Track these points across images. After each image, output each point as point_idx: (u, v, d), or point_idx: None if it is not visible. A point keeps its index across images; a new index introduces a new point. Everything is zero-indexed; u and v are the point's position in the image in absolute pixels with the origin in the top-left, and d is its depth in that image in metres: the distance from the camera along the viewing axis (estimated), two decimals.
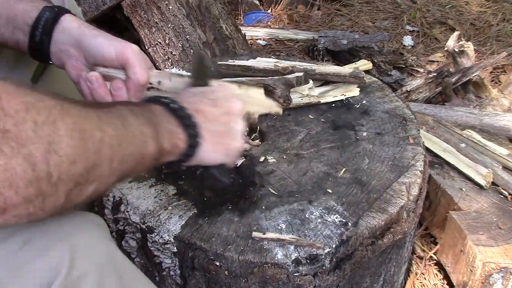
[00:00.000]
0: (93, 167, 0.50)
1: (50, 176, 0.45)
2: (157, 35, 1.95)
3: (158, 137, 0.63)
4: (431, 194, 1.50)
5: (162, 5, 1.94)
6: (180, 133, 0.68)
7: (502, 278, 1.20)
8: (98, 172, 0.51)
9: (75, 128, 0.48)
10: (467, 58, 2.10)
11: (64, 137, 0.46)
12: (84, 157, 0.49)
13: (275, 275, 0.81)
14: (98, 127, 0.52)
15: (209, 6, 2.06)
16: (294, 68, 1.24)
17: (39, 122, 0.45)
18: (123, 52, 0.79)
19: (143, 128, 0.60)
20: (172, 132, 0.66)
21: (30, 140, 0.44)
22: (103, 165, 0.52)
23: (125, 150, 0.56)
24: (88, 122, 0.51)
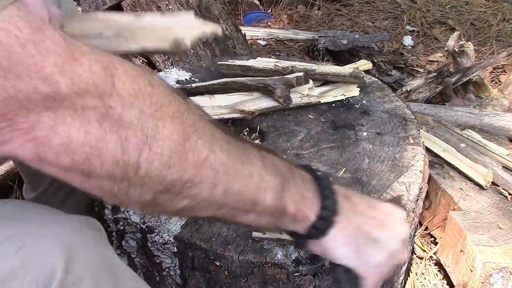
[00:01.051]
0: (189, 181, 0.48)
1: (138, 167, 0.45)
2: None
3: (283, 193, 0.55)
4: (431, 194, 1.50)
5: (162, 5, 1.94)
6: (313, 202, 0.58)
7: (502, 278, 1.20)
8: (195, 190, 0.49)
9: (181, 134, 0.46)
10: (467, 58, 2.10)
11: (165, 137, 0.45)
12: (180, 165, 0.46)
13: (275, 275, 0.81)
14: (209, 146, 0.49)
15: (209, 6, 2.07)
16: (294, 68, 1.24)
17: (146, 113, 0.44)
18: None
19: (266, 176, 0.54)
20: (304, 197, 0.58)
21: (131, 125, 0.43)
22: (202, 185, 0.49)
23: (232, 183, 0.51)
24: (199, 136, 0.48)
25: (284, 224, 0.58)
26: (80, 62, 0.41)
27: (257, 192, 0.54)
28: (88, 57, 0.42)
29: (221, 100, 1.18)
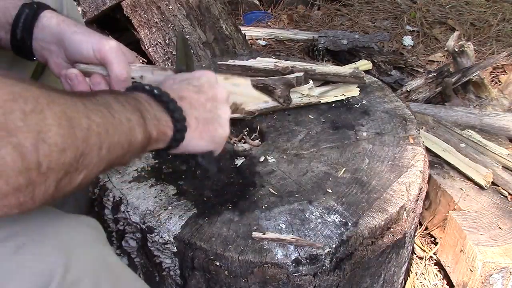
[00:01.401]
0: (82, 155, 0.50)
1: (39, 165, 0.45)
2: (157, 35, 1.95)
3: (146, 124, 0.62)
4: (431, 194, 1.50)
5: (162, 5, 1.94)
6: (166, 119, 0.66)
7: (502, 278, 1.20)
8: (87, 160, 0.51)
9: (62, 116, 0.48)
10: (467, 58, 2.10)
11: (52, 126, 0.46)
12: (73, 145, 0.48)
13: (275, 275, 0.81)
14: (85, 115, 0.51)
15: (209, 6, 2.07)
16: (294, 68, 1.24)
17: (27, 111, 0.45)
18: (100, 48, 0.78)
19: (130, 115, 0.59)
20: (159, 118, 0.65)
21: (18, 130, 0.44)
22: (92, 153, 0.52)
23: (113, 138, 0.55)
24: (75, 111, 0.50)
25: (150, 148, 0.65)
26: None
27: (130, 133, 0.58)
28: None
29: None
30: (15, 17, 0.79)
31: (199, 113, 0.72)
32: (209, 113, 0.73)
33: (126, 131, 0.58)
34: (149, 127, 0.62)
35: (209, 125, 0.73)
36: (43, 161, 0.45)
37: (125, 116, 0.58)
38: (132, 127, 0.59)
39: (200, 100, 0.73)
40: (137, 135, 0.60)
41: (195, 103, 0.72)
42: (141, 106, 0.63)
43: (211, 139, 0.74)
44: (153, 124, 0.63)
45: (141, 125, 0.60)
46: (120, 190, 0.94)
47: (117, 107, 0.58)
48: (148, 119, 0.62)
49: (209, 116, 0.73)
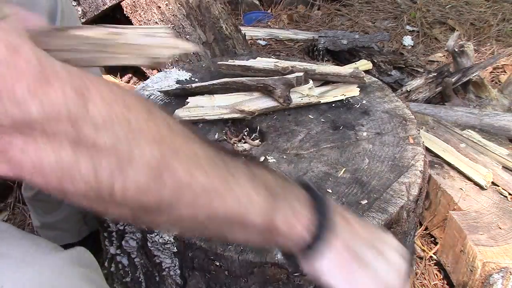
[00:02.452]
0: (167, 205, 0.47)
1: (112, 193, 0.44)
2: None
3: (273, 213, 0.54)
4: (431, 194, 1.50)
5: (162, 5, 1.94)
6: (308, 218, 0.56)
7: (502, 278, 1.20)
8: (174, 212, 0.48)
9: (159, 160, 0.45)
10: (467, 58, 2.10)
11: (142, 164, 0.44)
12: (157, 191, 0.45)
13: (275, 275, 0.81)
14: (189, 170, 0.47)
15: (209, 6, 2.07)
16: (294, 68, 1.24)
17: (121, 138, 0.43)
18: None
19: (254, 196, 0.52)
20: (297, 213, 0.55)
21: (104, 151, 0.42)
22: (182, 209, 0.48)
23: (216, 208, 0.50)
24: (180, 160, 0.47)
25: (276, 241, 0.56)
26: (53, 86, 0.40)
27: (244, 214, 0.52)
28: (62, 80, 0.41)
29: (221, 100, 1.18)
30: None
31: (352, 241, 0.58)
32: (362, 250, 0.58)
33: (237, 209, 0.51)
34: (277, 218, 0.54)
35: (355, 263, 0.57)
36: (117, 191, 0.44)
37: (247, 193, 0.52)
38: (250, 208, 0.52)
39: (364, 236, 0.59)
40: (254, 219, 0.52)
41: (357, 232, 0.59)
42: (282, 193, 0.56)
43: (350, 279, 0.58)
44: (285, 217, 0.54)
45: (264, 212, 0.53)
46: None
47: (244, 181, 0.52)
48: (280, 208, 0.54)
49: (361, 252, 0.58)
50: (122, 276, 1.03)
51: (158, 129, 0.46)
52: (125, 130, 0.44)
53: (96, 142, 0.42)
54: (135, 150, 0.44)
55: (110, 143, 0.43)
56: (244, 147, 1.09)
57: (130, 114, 0.44)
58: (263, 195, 0.53)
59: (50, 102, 0.40)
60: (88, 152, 0.42)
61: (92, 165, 0.42)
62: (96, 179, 0.43)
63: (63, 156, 0.41)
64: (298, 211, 0.55)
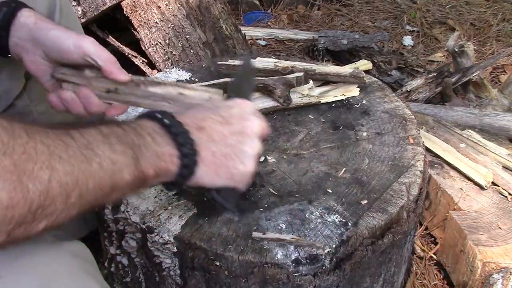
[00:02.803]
0: (39, 208, 0.47)
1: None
2: (157, 35, 1.95)
3: (139, 163, 0.58)
4: (431, 194, 1.50)
5: (162, 5, 1.94)
6: (171, 153, 0.62)
7: (502, 278, 1.20)
8: (48, 210, 0.48)
9: (13, 170, 0.44)
10: (467, 58, 2.10)
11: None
12: (24, 200, 0.45)
13: (275, 275, 0.81)
14: (48, 165, 0.48)
15: (209, 6, 2.07)
16: (294, 68, 1.24)
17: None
18: (80, 43, 0.77)
19: (116, 157, 0.56)
20: (160, 154, 0.61)
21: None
22: (55, 203, 0.49)
23: (85, 185, 0.52)
24: (34, 161, 0.47)
25: (150, 184, 0.62)
26: None
27: (112, 177, 0.55)
28: None
29: None
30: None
31: (217, 147, 0.67)
32: (230, 148, 0.68)
33: (105, 176, 0.54)
34: (143, 166, 0.59)
35: (228, 161, 0.67)
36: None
37: (109, 158, 0.55)
38: (117, 169, 0.56)
39: (223, 132, 0.68)
40: (123, 176, 0.57)
41: (216, 135, 0.67)
42: (139, 141, 0.60)
43: (230, 176, 0.68)
44: (150, 162, 0.60)
45: (130, 166, 0.57)
46: None
47: (102, 149, 0.55)
48: (143, 157, 0.59)
49: (229, 150, 0.67)
50: (122, 276, 1.03)
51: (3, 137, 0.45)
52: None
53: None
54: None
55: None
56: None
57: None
58: (122, 152, 0.56)
59: None
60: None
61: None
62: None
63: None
64: (160, 151, 0.60)
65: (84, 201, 0.52)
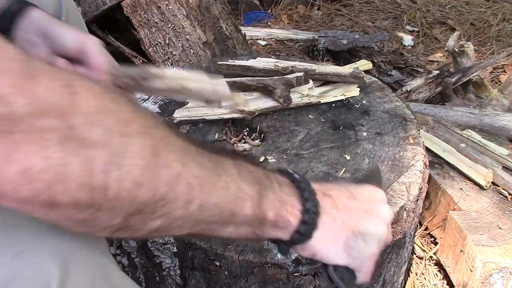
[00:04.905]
0: (162, 199, 0.45)
1: (106, 188, 0.42)
2: (157, 35, 1.95)
3: (262, 201, 0.54)
4: (431, 194, 1.50)
5: (162, 5, 1.94)
6: (294, 205, 0.57)
7: (502, 278, 1.20)
8: (167, 207, 0.46)
9: (151, 150, 0.44)
10: (467, 58, 2.10)
11: (134, 155, 0.42)
12: (152, 183, 0.44)
13: (275, 275, 0.81)
14: (181, 161, 0.47)
15: (209, 6, 2.07)
16: (294, 68, 1.24)
17: (112, 130, 0.42)
18: (82, 40, 0.77)
19: (243, 185, 0.53)
20: (284, 201, 0.57)
21: (96, 145, 0.40)
22: (176, 202, 0.47)
23: (208, 197, 0.49)
24: (170, 151, 0.46)
25: (265, 232, 0.57)
26: (38, 81, 0.38)
27: (234, 203, 0.52)
28: (47, 75, 0.40)
29: None
30: (3, 9, 0.79)
31: (340, 215, 0.60)
32: (354, 221, 0.61)
33: (228, 198, 0.51)
34: (265, 206, 0.54)
35: (348, 232, 0.60)
36: (112, 186, 0.42)
37: (236, 183, 0.52)
38: (240, 197, 0.52)
39: (348, 204, 0.62)
40: (245, 207, 0.52)
41: (340, 204, 0.61)
42: (267, 183, 0.56)
43: (347, 251, 0.61)
44: (272, 205, 0.55)
45: (253, 200, 0.53)
46: None
47: (233, 171, 0.53)
48: (268, 198, 0.55)
49: (352, 223, 0.61)
50: None
51: (146, 120, 0.45)
52: (115, 122, 0.42)
53: (87, 136, 0.40)
54: (126, 141, 0.42)
55: (101, 136, 0.41)
56: (244, 147, 1.09)
57: (118, 107, 0.43)
58: (250, 183, 0.53)
59: (35, 96, 0.38)
60: (79, 146, 0.40)
61: (84, 160, 0.40)
62: (90, 175, 0.40)
63: (52, 153, 0.39)
64: (284, 199, 0.56)
65: (202, 217, 0.50)
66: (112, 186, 0.42)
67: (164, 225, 0.48)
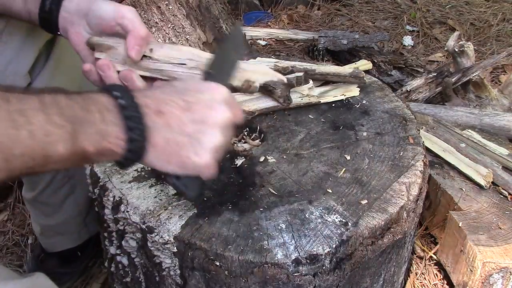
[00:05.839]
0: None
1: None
2: (157, 35, 1.95)
3: (77, 138, 0.57)
4: (431, 194, 1.50)
5: (162, 5, 1.94)
6: (118, 136, 0.60)
7: (502, 278, 1.20)
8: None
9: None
10: (467, 58, 2.10)
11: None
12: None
13: (275, 275, 0.81)
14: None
15: (209, 6, 2.07)
16: (294, 68, 1.24)
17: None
18: (120, 9, 0.81)
19: (51, 129, 0.55)
20: (105, 134, 0.59)
21: None
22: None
23: (11, 150, 0.53)
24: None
25: (93, 161, 0.62)
26: None
27: (43, 148, 0.55)
28: None
29: None
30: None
31: (172, 134, 0.64)
32: (186, 137, 0.65)
33: (35, 145, 0.54)
34: (83, 143, 0.58)
35: (181, 150, 0.65)
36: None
37: (43, 129, 0.55)
38: (49, 141, 0.55)
39: (182, 119, 0.65)
40: (57, 149, 0.56)
41: (174, 121, 0.64)
42: (85, 116, 0.58)
43: (182, 165, 0.66)
44: (91, 139, 0.58)
45: (66, 140, 0.57)
46: (120, 190, 0.94)
47: (39, 118, 0.55)
48: (84, 134, 0.58)
49: (185, 139, 0.65)
50: (122, 276, 1.03)
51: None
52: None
53: None
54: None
55: None
56: (244, 147, 1.09)
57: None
58: (59, 125, 0.56)
59: None
60: None
61: None
62: None
63: None
64: (105, 130, 0.59)
65: (11, 166, 0.53)
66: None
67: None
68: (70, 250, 1.45)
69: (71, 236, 1.43)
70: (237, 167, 1.02)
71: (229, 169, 1.02)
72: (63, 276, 1.45)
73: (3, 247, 1.60)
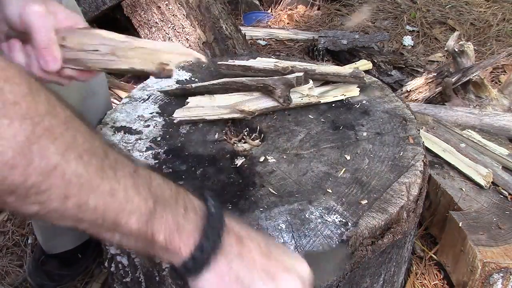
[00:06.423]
0: (33, 187, 0.44)
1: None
2: (157, 35, 1.95)
3: (153, 219, 0.52)
4: (431, 194, 1.50)
5: (162, 5, 1.94)
6: (191, 236, 0.54)
7: (502, 278, 1.20)
8: (42, 197, 0.45)
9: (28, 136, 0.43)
10: (467, 58, 2.10)
11: (9, 137, 0.42)
12: (24, 169, 0.43)
13: None
14: (62, 153, 0.46)
15: (209, 6, 2.07)
16: (294, 68, 1.24)
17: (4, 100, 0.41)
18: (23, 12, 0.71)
19: (135, 197, 0.51)
20: (180, 230, 0.53)
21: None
22: (50, 194, 0.46)
23: (87, 199, 0.48)
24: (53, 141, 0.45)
25: (157, 253, 0.54)
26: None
27: (118, 213, 0.50)
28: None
29: (221, 100, 1.18)
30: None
31: (238, 266, 0.56)
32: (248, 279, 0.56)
33: (111, 205, 0.49)
34: (156, 226, 0.52)
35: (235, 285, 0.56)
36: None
37: (126, 193, 0.50)
38: (126, 208, 0.50)
39: (255, 260, 0.58)
40: (130, 220, 0.51)
41: (247, 257, 0.57)
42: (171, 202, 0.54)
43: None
44: (165, 227, 0.53)
45: (142, 216, 0.51)
46: None
47: (127, 180, 0.50)
48: (161, 219, 0.52)
49: (245, 279, 0.56)
50: (122, 276, 1.03)
51: (36, 106, 0.45)
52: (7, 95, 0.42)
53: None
54: (4, 121, 0.42)
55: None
56: (244, 147, 1.09)
57: (6, 86, 0.43)
58: (144, 196, 0.51)
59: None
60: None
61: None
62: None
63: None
64: (183, 225, 0.53)
65: (81, 216, 0.49)
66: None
67: (42, 212, 0.47)
68: (71, 252, 1.45)
69: (71, 236, 1.43)
70: (237, 167, 1.02)
71: (229, 169, 1.02)
72: (64, 278, 1.46)
73: (3, 247, 1.60)
